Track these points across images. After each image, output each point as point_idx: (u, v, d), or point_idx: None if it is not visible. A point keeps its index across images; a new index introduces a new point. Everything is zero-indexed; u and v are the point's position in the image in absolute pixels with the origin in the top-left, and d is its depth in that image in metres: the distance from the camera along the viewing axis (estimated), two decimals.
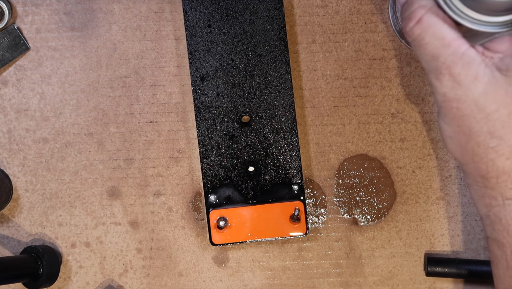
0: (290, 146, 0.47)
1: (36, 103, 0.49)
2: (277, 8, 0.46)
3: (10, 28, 0.48)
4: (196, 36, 0.46)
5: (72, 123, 0.49)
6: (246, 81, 0.46)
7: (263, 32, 0.46)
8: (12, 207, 0.50)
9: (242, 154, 0.47)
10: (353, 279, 0.49)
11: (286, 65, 0.46)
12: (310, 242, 0.50)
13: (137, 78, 0.49)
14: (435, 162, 0.49)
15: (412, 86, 0.49)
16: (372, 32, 0.49)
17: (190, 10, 0.46)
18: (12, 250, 0.50)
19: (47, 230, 0.50)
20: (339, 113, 0.49)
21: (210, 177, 0.47)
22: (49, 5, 0.49)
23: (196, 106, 0.46)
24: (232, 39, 0.46)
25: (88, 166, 0.49)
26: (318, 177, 0.49)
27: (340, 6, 0.49)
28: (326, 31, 0.49)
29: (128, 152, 0.49)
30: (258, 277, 0.50)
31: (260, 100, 0.47)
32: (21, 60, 0.49)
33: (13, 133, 0.49)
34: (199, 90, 0.46)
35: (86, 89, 0.49)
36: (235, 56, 0.46)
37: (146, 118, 0.49)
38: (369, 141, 0.49)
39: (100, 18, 0.49)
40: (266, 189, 0.47)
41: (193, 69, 0.46)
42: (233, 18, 0.46)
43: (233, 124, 0.47)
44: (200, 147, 0.46)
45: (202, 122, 0.46)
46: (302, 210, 0.46)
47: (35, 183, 0.49)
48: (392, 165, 0.49)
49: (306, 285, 0.50)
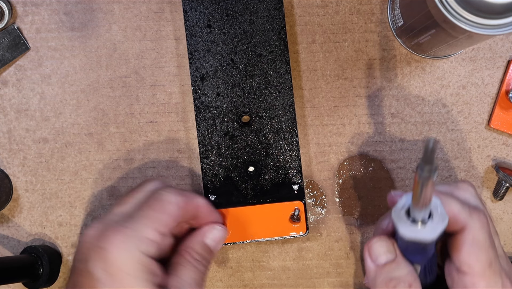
0: (290, 146, 0.47)
1: (36, 103, 0.49)
2: (277, 8, 0.46)
3: (10, 28, 0.48)
4: (196, 36, 0.46)
5: (72, 123, 0.49)
6: (246, 81, 0.47)
7: (263, 32, 0.46)
8: (12, 207, 0.50)
9: (242, 154, 0.47)
10: (353, 279, 0.49)
11: (286, 65, 0.46)
12: (310, 242, 0.50)
13: (137, 78, 0.49)
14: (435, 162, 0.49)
15: (412, 86, 0.49)
16: (372, 32, 0.49)
17: (190, 10, 0.46)
18: (12, 250, 0.50)
19: (47, 230, 0.50)
20: (339, 113, 0.49)
21: (210, 177, 0.47)
22: (49, 5, 0.49)
23: (196, 106, 0.46)
24: (232, 39, 0.46)
25: (88, 166, 0.49)
26: (318, 177, 0.49)
27: (340, 6, 0.49)
28: (326, 31, 0.49)
29: (128, 152, 0.49)
30: (258, 277, 0.50)
31: (260, 100, 0.47)
32: (21, 60, 0.49)
33: (13, 133, 0.49)
34: (199, 90, 0.46)
35: (86, 89, 0.49)
36: (235, 56, 0.46)
37: (146, 118, 0.49)
38: (369, 141, 0.49)
39: (100, 18, 0.49)
40: (266, 189, 0.47)
41: (193, 69, 0.46)
42: (233, 18, 0.46)
43: (233, 124, 0.47)
44: (200, 147, 0.46)
45: (202, 122, 0.46)
46: (302, 210, 0.46)
47: (35, 183, 0.49)
48: (392, 165, 0.49)
49: (306, 285, 0.50)
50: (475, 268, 0.36)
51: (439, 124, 0.49)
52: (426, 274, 0.39)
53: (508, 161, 0.49)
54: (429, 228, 0.34)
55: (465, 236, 0.36)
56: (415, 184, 0.31)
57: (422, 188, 0.31)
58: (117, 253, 0.36)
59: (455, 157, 0.49)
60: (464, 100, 0.49)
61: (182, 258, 0.40)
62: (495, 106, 0.48)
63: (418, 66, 0.49)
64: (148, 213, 0.38)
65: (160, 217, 0.38)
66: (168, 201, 0.39)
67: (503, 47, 0.49)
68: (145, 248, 0.37)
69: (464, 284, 0.36)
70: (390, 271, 0.37)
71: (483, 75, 0.49)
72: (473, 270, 0.36)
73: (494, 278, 0.36)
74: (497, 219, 0.50)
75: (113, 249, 0.36)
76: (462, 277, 0.37)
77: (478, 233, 0.36)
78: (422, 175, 0.30)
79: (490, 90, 0.49)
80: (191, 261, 0.40)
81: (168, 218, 0.39)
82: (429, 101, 0.49)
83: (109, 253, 0.36)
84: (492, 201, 0.49)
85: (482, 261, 0.36)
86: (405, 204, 0.35)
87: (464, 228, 0.37)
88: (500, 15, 0.35)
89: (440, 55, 0.48)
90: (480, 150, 0.49)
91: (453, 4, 0.35)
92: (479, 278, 0.36)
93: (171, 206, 0.39)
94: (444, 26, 0.37)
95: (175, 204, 0.39)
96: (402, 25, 0.45)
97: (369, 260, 0.39)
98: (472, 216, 0.37)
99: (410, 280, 0.37)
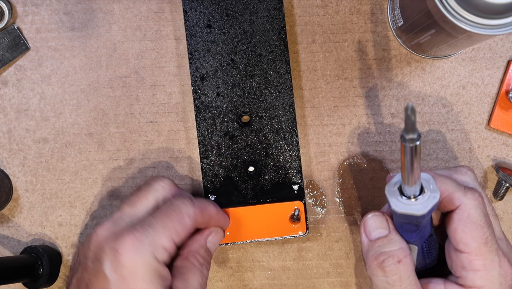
0: (290, 146, 0.47)
1: (36, 103, 0.49)
2: (277, 8, 0.46)
3: (10, 28, 0.48)
4: (196, 36, 0.46)
5: (72, 123, 0.49)
6: (246, 81, 0.46)
7: (263, 32, 0.46)
8: (12, 207, 0.50)
9: (242, 154, 0.47)
10: (353, 279, 0.49)
11: (286, 65, 0.46)
12: (310, 242, 0.50)
13: (137, 78, 0.49)
14: (435, 162, 0.49)
15: (412, 86, 0.49)
16: (372, 32, 0.49)
17: (190, 10, 0.46)
18: (12, 250, 0.50)
19: (47, 230, 0.50)
20: (339, 113, 0.49)
21: (210, 177, 0.46)
22: (49, 5, 0.49)
23: (196, 106, 0.46)
24: (232, 39, 0.46)
25: (88, 166, 0.49)
26: (318, 177, 0.49)
27: (340, 6, 0.49)
28: (326, 31, 0.49)
29: (128, 152, 0.49)
30: (258, 277, 0.50)
31: (260, 100, 0.47)
32: (21, 60, 0.49)
33: (13, 133, 0.49)
34: (199, 90, 0.46)
35: (86, 89, 0.49)
36: (235, 56, 0.46)
37: (146, 118, 0.49)
38: (369, 141, 0.49)
39: (100, 18, 0.49)
40: (266, 189, 0.47)
41: (193, 69, 0.46)
42: (233, 18, 0.46)
43: (233, 124, 0.47)
44: (200, 147, 0.46)
45: (202, 122, 0.46)
46: (302, 210, 0.46)
47: (35, 183, 0.49)
48: (392, 165, 0.49)
49: (306, 285, 0.50)
50: (471, 245, 0.36)
51: (439, 124, 0.49)
52: (424, 256, 0.40)
53: (508, 161, 0.49)
54: (420, 202, 0.35)
55: (460, 214, 0.37)
56: (402, 154, 0.32)
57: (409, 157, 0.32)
58: (130, 257, 0.37)
59: (455, 157, 0.49)
60: (464, 100, 0.49)
61: (188, 262, 0.41)
62: (495, 106, 0.48)
63: (418, 66, 0.49)
64: (166, 223, 0.39)
65: (177, 228, 0.39)
66: (187, 214, 0.40)
67: (503, 47, 0.49)
68: (158, 254, 0.38)
69: (462, 263, 0.37)
70: (381, 246, 0.38)
71: (483, 75, 0.49)
72: (469, 248, 0.37)
73: (491, 255, 0.37)
74: None
75: (127, 253, 0.37)
76: (459, 256, 0.37)
77: (472, 211, 0.37)
78: (407, 143, 0.31)
79: (490, 90, 0.49)
80: (197, 265, 0.41)
81: (184, 230, 0.40)
82: (429, 101, 0.49)
83: (122, 256, 0.37)
84: (492, 201, 0.49)
85: (477, 239, 0.36)
86: (398, 181, 0.36)
87: (459, 206, 0.37)
88: (500, 15, 0.35)
89: (440, 55, 0.48)
90: (480, 150, 0.49)
91: (453, 4, 0.35)
92: (475, 256, 0.36)
93: (188, 219, 0.40)
94: (444, 26, 0.37)
95: (192, 218, 0.40)
96: (402, 25, 0.45)
97: (364, 235, 0.40)
98: (467, 195, 0.37)
99: (400, 256, 0.37)
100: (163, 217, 0.39)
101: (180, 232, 0.39)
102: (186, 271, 0.40)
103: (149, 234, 0.38)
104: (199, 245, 0.42)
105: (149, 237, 0.38)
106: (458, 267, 0.37)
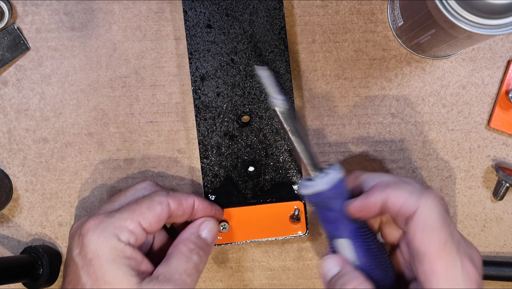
0: (290, 146, 0.47)
1: (36, 103, 0.49)
2: (277, 8, 0.46)
3: (10, 28, 0.48)
4: (196, 36, 0.46)
5: (72, 123, 0.49)
6: (246, 81, 0.46)
7: (263, 32, 0.46)
8: (12, 207, 0.50)
9: (242, 154, 0.47)
10: None
11: (286, 65, 0.46)
12: (310, 242, 0.50)
13: (137, 78, 0.49)
14: (435, 162, 0.49)
15: (412, 86, 0.49)
16: (372, 32, 0.49)
17: (190, 10, 0.46)
18: (12, 250, 0.50)
19: (47, 230, 0.50)
20: (339, 113, 0.49)
21: (210, 177, 0.46)
22: (49, 5, 0.49)
23: (196, 106, 0.46)
24: (232, 39, 0.46)
25: (88, 166, 0.49)
26: None
27: (340, 6, 0.49)
28: (326, 31, 0.49)
29: (128, 152, 0.49)
30: (258, 277, 0.50)
31: (260, 100, 0.47)
32: (21, 60, 0.49)
33: (13, 133, 0.49)
34: (199, 90, 0.46)
35: (86, 89, 0.49)
36: (235, 56, 0.46)
37: (146, 118, 0.49)
38: (369, 141, 0.49)
39: (100, 18, 0.49)
40: (266, 189, 0.47)
41: (193, 69, 0.46)
42: (233, 18, 0.46)
43: (233, 124, 0.47)
44: (200, 147, 0.46)
45: (202, 122, 0.46)
46: (302, 210, 0.46)
47: (35, 183, 0.49)
48: (392, 165, 0.49)
49: (306, 285, 0.50)
50: (430, 248, 0.36)
51: (439, 124, 0.49)
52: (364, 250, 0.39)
53: (508, 161, 0.49)
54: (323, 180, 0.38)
55: (416, 219, 0.36)
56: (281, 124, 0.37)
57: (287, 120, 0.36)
58: (93, 239, 0.38)
59: (455, 157, 0.49)
60: (464, 100, 0.49)
61: (175, 249, 0.41)
62: (495, 106, 0.48)
63: (418, 66, 0.49)
64: (133, 207, 0.40)
65: (144, 212, 0.40)
66: (158, 201, 0.41)
67: (503, 47, 0.49)
68: (122, 236, 0.38)
69: (423, 267, 0.36)
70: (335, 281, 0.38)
71: (483, 75, 0.49)
72: (429, 251, 0.36)
73: (452, 257, 0.35)
74: (497, 219, 0.50)
75: (90, 234, 0.38)
76: (421, 261, 0.36)
77: (428, 213, 0.36)
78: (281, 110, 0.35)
79: (490, 90, 0.49)
80: (185, 251, 0.41)
81: (153, 216, 0.40)
82: (429, 101, 0.49)
83: (86, 239, 0.38)
84: (492, 201, 0.49)
85: (436, 240, 0.36)
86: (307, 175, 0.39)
87: (415, 212, 0.36)
88: (500, 15, 0.35)
89: (440, 55, 0.48)
90: (480, 150, 0.49)
91: (453, 4, 0.35)
92: (436, 259, 0.35)
93: (159, 206, 0.40)
94: (444, 26, 0.37)
95: (165, 206, 0.41)
96: (402, 25, 0.45)
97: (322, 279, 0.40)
98: (421, 199, 0.36)
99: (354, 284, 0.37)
100: (132, 203, 0.40)
101: (149, 217, 0.40)
102: (171, 257, 0.41)
103: (113, 216, 0.39)
104: (189, 232, 0.43)
105: (112, 219, 0.39)
106: (420, 273, 0.36)
